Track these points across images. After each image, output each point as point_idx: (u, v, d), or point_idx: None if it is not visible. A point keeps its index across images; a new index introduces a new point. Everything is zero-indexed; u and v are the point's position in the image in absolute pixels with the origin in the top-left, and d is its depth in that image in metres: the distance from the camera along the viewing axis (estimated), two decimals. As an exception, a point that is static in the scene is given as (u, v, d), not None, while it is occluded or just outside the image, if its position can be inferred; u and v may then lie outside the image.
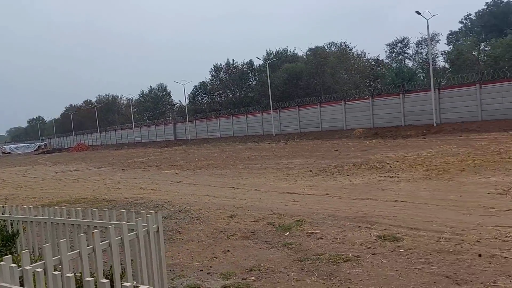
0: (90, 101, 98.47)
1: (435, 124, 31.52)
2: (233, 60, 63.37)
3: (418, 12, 31.06)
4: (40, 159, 54.05)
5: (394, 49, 47.25)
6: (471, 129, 27.78)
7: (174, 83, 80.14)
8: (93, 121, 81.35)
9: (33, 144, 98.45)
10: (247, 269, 5.30)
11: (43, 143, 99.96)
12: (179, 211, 9.45)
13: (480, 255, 5.07)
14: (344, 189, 10.84)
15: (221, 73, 63.66)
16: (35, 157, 64.01)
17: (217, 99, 64.30)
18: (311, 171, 15.21)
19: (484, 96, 30.05)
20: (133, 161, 31.31)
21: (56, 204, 12.15)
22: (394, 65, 45.69)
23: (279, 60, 54.14)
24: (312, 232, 6.81)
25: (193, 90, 66.84)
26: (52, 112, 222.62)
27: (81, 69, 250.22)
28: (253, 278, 5.00)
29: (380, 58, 50.02)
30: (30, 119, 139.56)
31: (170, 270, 5.49)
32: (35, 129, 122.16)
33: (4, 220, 5.78)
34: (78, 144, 79.37)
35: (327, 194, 10.28)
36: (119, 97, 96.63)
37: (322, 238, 6.45)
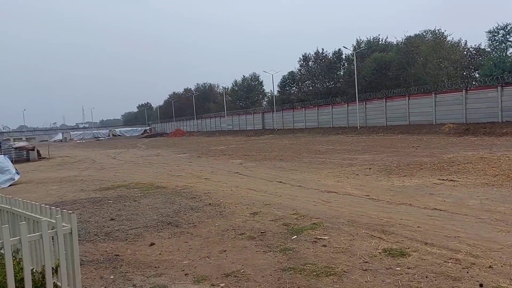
0: (190, 89, 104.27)
1: (541, 121, 27.63)
2: (323, 49, 61.67)
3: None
4: (139, 142, 58.79)
5: (495, 37, 41.59)
6: None
7: (266, 73, 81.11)
8: (192, 109, 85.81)
9: (139, 128, 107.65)
10: (225, 274, 5.14)
11: (148, 128, 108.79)
12: (210, 204, 9.55)
13: (481, 285, 4.31)
14: (390, 191, 10.01)
15: (310, 62, 62.43)
16: (136, 140, 69.81)
17: (304, 89, 63.33)
18: (370, 168, 14.33)
19: None
20: (214, 148, 32.48)
21: (116, 188, 13.12)
22: (494, 54, 40.38)
23: (369, 50, 51.44)
24: (320, 238, 6.39)
25: (282, 79, 66.61)
26: (159, 98, 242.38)
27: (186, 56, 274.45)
28: (223, 285, 4.82)
29: (482, 47, 44.64)
30: (139, 104, 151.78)
31: (155, 267, 5.56)
32: (143, 115, 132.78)
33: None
34: (176, 130, 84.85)
35: (367, 196, 9.58)
36: (216, 86, 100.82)
37: (325, 246, 6.02)
